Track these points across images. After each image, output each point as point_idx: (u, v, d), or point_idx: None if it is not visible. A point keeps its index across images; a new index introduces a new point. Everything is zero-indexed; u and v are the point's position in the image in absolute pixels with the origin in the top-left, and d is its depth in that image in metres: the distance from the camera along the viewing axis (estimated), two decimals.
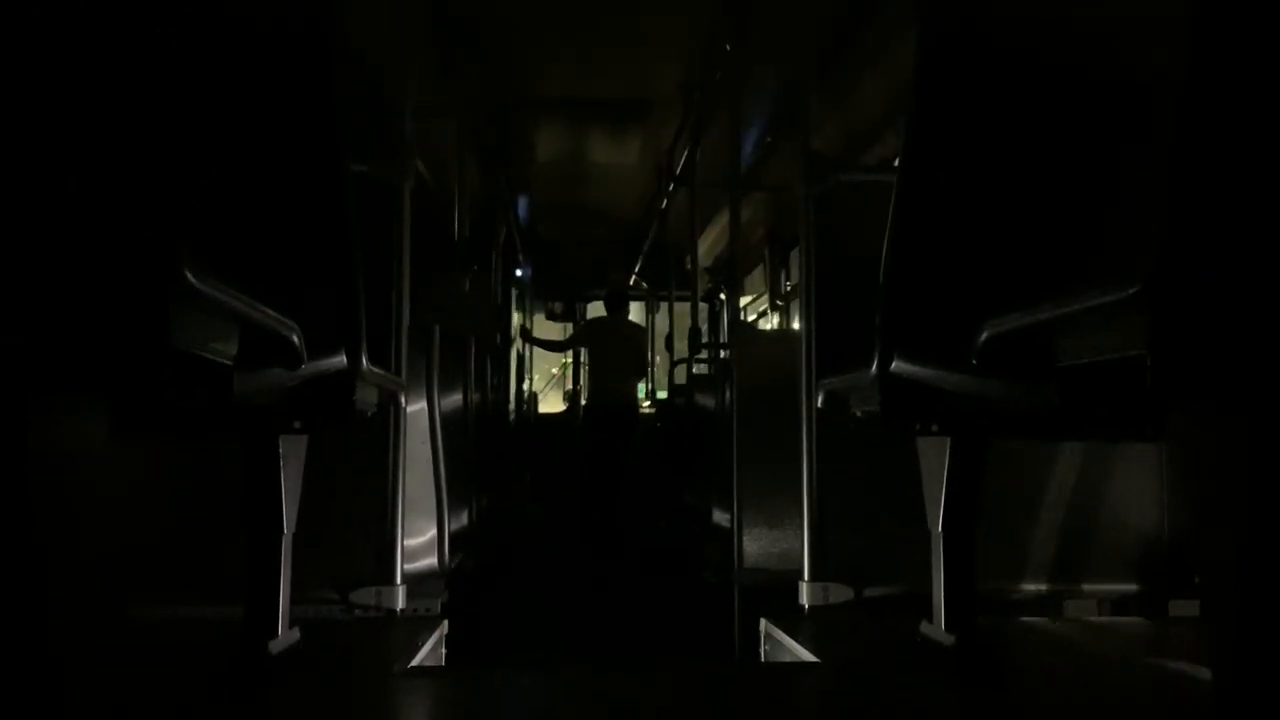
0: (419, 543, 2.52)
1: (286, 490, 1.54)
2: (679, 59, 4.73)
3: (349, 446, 2.29)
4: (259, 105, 1.45)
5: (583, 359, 8.25)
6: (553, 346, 7.92)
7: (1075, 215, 1.43)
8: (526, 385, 9.19)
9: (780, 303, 7.61)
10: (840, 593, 2.32)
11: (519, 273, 8.51)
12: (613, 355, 6.42)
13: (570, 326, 9.82)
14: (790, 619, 2.21)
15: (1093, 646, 2.00)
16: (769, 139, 5.64)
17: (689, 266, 5.95)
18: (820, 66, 2.74)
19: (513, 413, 7.32)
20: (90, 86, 0.87)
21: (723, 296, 7.70)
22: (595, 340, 6.63)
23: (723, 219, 6.20)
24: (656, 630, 4.41)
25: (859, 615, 2.30)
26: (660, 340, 7.82)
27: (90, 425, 1.11)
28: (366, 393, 1.50)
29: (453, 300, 3.82)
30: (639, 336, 7.09)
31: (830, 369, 1.75)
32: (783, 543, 2.79)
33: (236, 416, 1.43)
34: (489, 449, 4.62)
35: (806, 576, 2.33)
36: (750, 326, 7.91)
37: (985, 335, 1.23)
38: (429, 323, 2.79)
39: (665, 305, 7.73)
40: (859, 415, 1.62)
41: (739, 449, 2.87)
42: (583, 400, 7.63)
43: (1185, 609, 2.33)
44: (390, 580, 2.25)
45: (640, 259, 8.57)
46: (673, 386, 6.39)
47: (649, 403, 8.38)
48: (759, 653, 2.23)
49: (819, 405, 1.81)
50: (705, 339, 5.57)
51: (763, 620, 2.24)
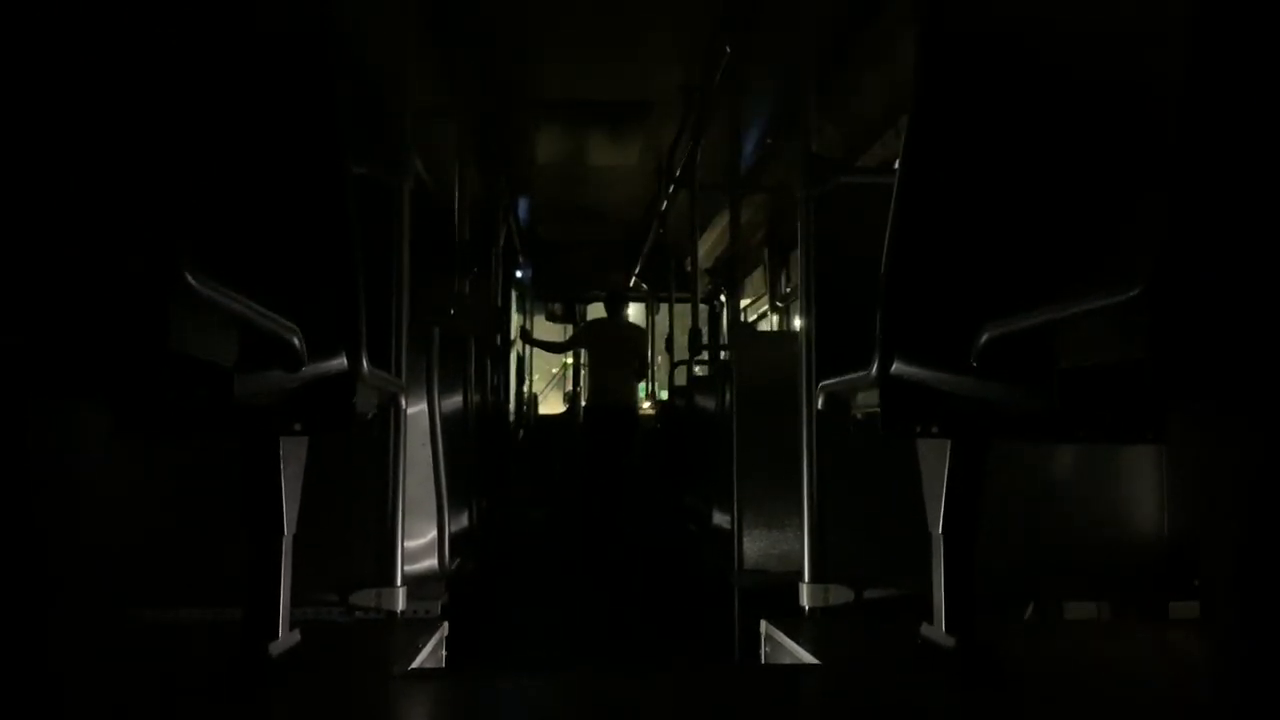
0: (419, 544, 2.51)
1: (287, 492, 1.54)
2: (679, 60, 4.74)
3: (349, 448, 2.29)
4: (259, 107, 1.45)
5: (583, 360, 8.25)
6: (553, 348, 7.92)
7: (1075, 217, 1.43)
8: (527, 387, 9.20)
9: (780, 304, 7.62)
10: (840, 594, 2.32)
11: (519, 274, 8.52)
12: (613, 356, 6.42)
13: (570, 328, 9.82)
14: (790, 620, 2.21)
15: (1093, 648, 2.00)
16: (769, 140, 5.64)
17: (689, 268, 5.95)
18: (820, 67, 2.74)
19: (513, 414, 7.32)
20: (91, 87, 0.87)
21: (723, 298, 7.70)
22: (595, 341, 6.63)
23: (723, 220, 6.21)
24: (656, 631, 4.41)
25: (859, 617, 2.30)
26: (660, 341, 7.82)
27: (91, 427, 1.11)
28: (367, 395, 1.50)
29: (453, 302, 3.82)
30: (639, 338, 7.10)
31: (830, 370, 1.75)
32: (783, 544, 2.79)
33: (237, 418, 1.43)
34: (489, 450, 4.62)
35: (807, 578, 2.33)
36: (750, 328, 7.92)
37: (986, 337, 1.23)
38: (429, 324, 2.79)
39: (665, 306, 7.73)
40: (859, 417, 1.62)
41: (739, 450, 2.87)
42: (583, 401, 7.63)
43: (1185, 610, 2.33)
44: (390, 582, 2.24)
45: (640, 260, 8.57)
46: (673, 388, 6.39)
47: (649, 403, 8.38)
48: (759, 654, 2.23)
49: (819, 407, 1.80)
50: (705, 340, 5.57)
51: (763, 622, 2.24)
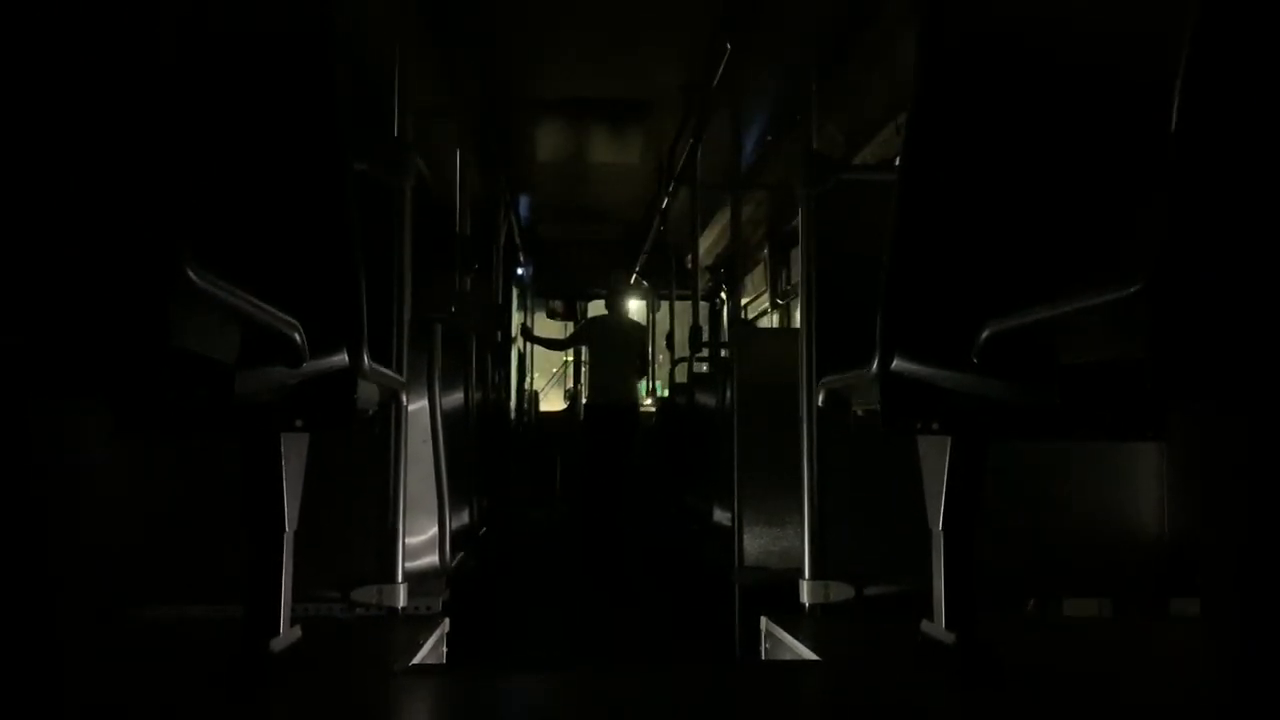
0: (420, 541, 2.52)
1: (288, 489, 1.54)
2: (679, 58, 4.73)
3: (350, 445, 2.29)
4: (261, 104, 1.46)
5: (583, 357, 8.25)
6: (553, 345, 7.92)
7: (1076, 214, 1.43)
8: (527, 384, 9.21)
9: (781, 301, 7.62)
10: (841, 591, 2.32)
11: (520, 272, 8.52)
12: (613, 354, 6.42)
13: (570, 325, 9.83)
14: (791, 617, 2.21)
15: (1093, 645, 2.00)
16: (769, 138, 5.64)
17: (690, 265, 5.95)
18: (821, 65, 2.74)
19: (513, 411, 7.32)
20: (91, 86, 0.87)
21: (723, 295, 7.70)
22: (596, 339, 6.63)
23: (723, 218, 6.21)
24: (657, 628, 4.42)
25: (860, 613, 2.30)
26: (661, 339, 7.82)
27: (91, 424, 1.11)
28: (368, 391, 1.51)
29: (454, 299, 3.83)
30: (640, 335, 7.09)
31: (831, 367, 1.75)
32: (783, 541, 2.79)
33: (238, 415, 1.44)
34: (490, 447, 4.63)
35: (807, 575, 2.33)
36: (751, 325, 7.91)
37: (986, 334, 1.23)
38: (430, 321, 2.79)
39: (666, 304, 7.73)
40: (859, 414, 1.62)
41: (739, 447, 2.87)
42: (583, 399, 7.63)
43: (1185, 608, 2.33)
44: (391, 578, 2.25)
45: (641, 258, 8.57)
46: (673, 385, 6.39)
47: (650, 400, 8.38)
48: (759, 651, 2.23)
49: (819, 404, 1.81)
50: (706, 337, 5.57)
51: (763, 619, 2.24)
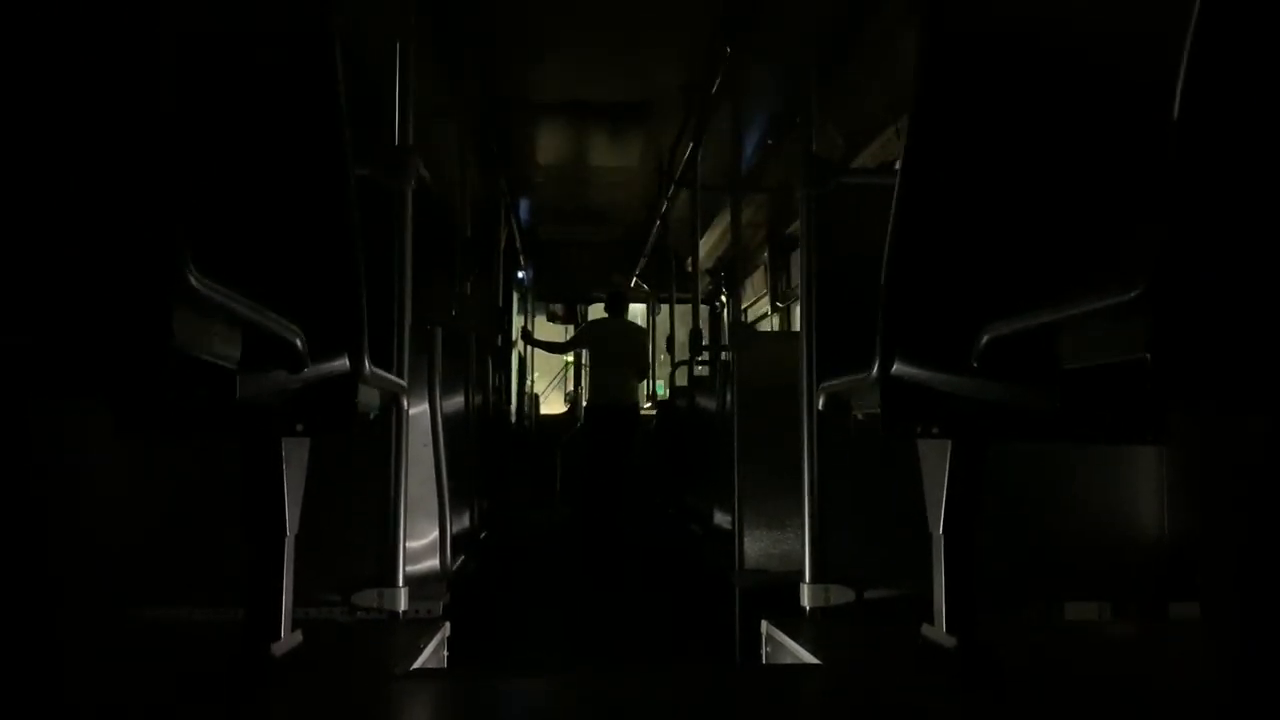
0: (421, 545, 2.51)
1: (289, 492, 1.54)
2: (679, 60, 4.74)
3: (351, 449, 2.29)
4: (262, 107, 1.46)
5: (584, 360, 8.26)
6: (554, 348, 7.93)
7: (1076, 217, 1.43)
8: (528, 387, 9.21)
9: (781, 304, 7.62)
10: (841, 594, 2.32)
11: (520, 275, 8.53)
12: (614, 356, 6.43)
13: (571, 328, 9.83)
14: (791, 621, 2.21)
15: (1093, 649, 2.00)
16: (770, 140, 5.64)
17: (690, 268, 5.95)
18: (821, 67, 2.74)
19: (514, 414, 7.31)
20: (94, 87, 0.88)
21: (724, 298, 7.71)
22: (596, 341, 6.63)
23: (724, 221, 6.20)
24: (657, 631, 4.41)
25: (860, 617, 2.30)
26: (662, 341, 7.83)
27: (93, 427, 1.11)
28: (369, 395, 1.51)
29: (455, 302, 3.83)
30: (640, 338, 7.10)
31: (831, 371, 1.75)
32: (783, 544, 2.79)
33: (239, 419, 1.44)
34: (490, 451, 4.63)
35: (807, 578, 2.33)
36: (751, 328, 7.91)
37: (986, 338, 1.23)
38: (431, 325, 2.80)
39: (666, 307, 7.73)
40: (859, 417, 1.62)
41: (740, 450, 2.88)
42: (584, 402, 7.64)
43: (1185, 611, 2.33)
44: (392, 582, 2.25)
45: (641, 261, 8.57)
46: (674, 388, 6.40)
47: (650, 403, 8.39)
48: (760, 654, 2.23)
49: (819, 407, 1.81)
50: (706, 340, 5.57)
51: (764, 622, 2.24)
